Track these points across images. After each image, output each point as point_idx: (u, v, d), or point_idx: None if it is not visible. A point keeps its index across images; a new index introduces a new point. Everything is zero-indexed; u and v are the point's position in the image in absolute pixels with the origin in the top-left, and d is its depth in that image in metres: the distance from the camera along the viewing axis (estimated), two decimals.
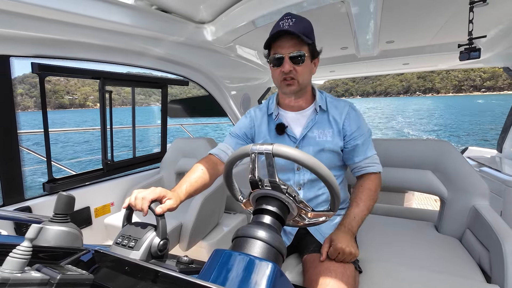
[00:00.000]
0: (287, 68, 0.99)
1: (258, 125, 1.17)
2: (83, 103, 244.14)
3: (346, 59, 2.69)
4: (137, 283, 0.49)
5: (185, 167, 2.32)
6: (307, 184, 1.12)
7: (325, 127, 1.09)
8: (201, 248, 1.90)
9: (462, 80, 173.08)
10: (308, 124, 1.09)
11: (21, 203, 1.59)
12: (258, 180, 0.70)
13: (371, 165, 1.09)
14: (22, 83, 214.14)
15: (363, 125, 1.11)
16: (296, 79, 1.02)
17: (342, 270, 0.95)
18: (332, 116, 1.10)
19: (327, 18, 1.69)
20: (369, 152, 1.10)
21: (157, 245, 0.73)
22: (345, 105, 1.12)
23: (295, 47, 0.98)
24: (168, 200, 0.87)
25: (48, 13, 1.28)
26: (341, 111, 1.10)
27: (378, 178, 1.10)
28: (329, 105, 1.12)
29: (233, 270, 0.51)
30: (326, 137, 1.08)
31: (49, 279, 0.40)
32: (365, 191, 1.05)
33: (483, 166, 2.36)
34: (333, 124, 1.09)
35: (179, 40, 1.84)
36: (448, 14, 1.65)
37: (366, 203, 1.02)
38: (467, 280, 1.01)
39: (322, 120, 1.10)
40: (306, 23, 1.01)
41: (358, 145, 1.08)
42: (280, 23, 0.99)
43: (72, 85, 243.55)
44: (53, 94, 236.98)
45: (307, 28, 1.01)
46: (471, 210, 1.30)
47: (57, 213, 0.65)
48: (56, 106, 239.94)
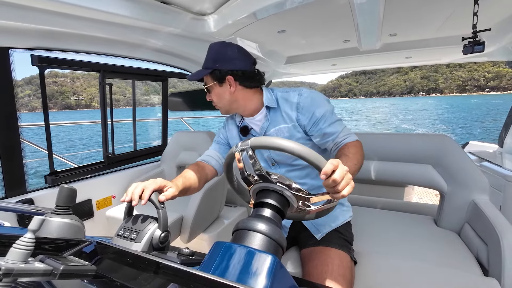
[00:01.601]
0: (208, 97, 1.15)
1: (229, 131, 1.25)
2: (89, 104, 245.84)
3: (348, 52, 2.66)
4: (139, 274, 0.50)
5: (186, 160, 2.33)
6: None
7: (280, 123, 1.09)
8: (202, 241, 1.93)
9: (466, 80, 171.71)
10: (263, 125, 1.12)
11: (23, 195, 1.60)
12: (249, 176, 0.72)
13: (346, 137, 1.03)
14: (30, 84, 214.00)
15: (319, 108, 1.04)
16: (218, 106, 1.14)
17: (338, 261, 0.97)
18: (284, 111, 1.09)
19: (329, 10, 1.66)
20: (339, 127, 1.04)
21: (159, 237, 0.74)
22: (294, 95, 1.08)
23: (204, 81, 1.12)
24: (169, 189, 0.88)
25: (48, 5, 1.27)
26: (291, 104, 1.07)
27: (359, 143, 1.02)
28: (280, 101, 1.10)
29: (233, 262, 0.51)
30: (283, 133, 1.08)
31: (52, 269, 0.41)
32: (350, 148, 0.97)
33: (483, 160, 2.36)
34: (287, 119, 1.08)
35: (180, 32, 1.82)
36: (452, 7, 1.62)
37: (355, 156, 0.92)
38: (464, 272, 1.03)
39: (275, 117, 1.10)
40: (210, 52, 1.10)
41: (321, 128, 1.03)
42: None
43: (78, 86, 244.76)
44: (60, 95, 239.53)
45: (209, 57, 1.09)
46: (470, 204, 1.30)
47: (59, 205, 0.65)
48: (62, 107, 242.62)
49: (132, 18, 1.52)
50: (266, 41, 2.33)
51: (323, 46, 2.53)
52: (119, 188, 2.17)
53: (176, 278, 0.46)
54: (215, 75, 1.07)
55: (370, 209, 1.64)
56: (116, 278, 0.50)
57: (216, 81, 1.07)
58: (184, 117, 4.61)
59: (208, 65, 1.07)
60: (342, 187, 0.64)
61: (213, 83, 1.08)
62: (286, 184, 0.70)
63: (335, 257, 0.99)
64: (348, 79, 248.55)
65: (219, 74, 1.06)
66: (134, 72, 2.19)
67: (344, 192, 0.65)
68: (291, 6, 1.47)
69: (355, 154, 0.93)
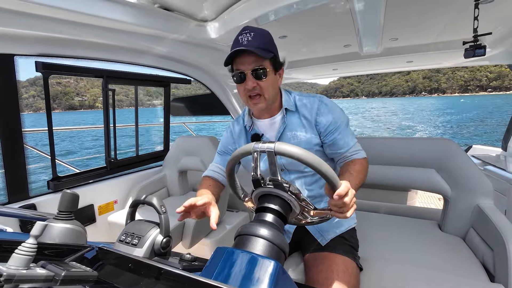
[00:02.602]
0: (250, 85, 0.96)
1: (237, 138, 1.17)
2: (92, 105, 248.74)
3: (349, 57, 2.67)
4: (141, 280, 0.50)
5: (188, 165, 2.33)
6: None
7: (297, 128, 1.07)
8: (203, 246, 1.91)
9: (468, 80, 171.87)
10: (279, 129, 1.08)
11: (26, 200, 1.61)
12: (260, 178, 0.70)
13: (356, 153, 1.05)
14: (34, 85, 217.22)
15: (337, 116, 1.05)
16: (262, 95, 0.99)
17: (343, 268, 0.95)
18: (302, 115, 1.07)
19: (330, 15, 1.67)
20: (351, 141, 1.05)
21: (160, 242, 0.74)
22: (314, 100, 1.08)
23: (256, 62, 0.95)
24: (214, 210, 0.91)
25: (52, 12, 1.29)
26: (311, 108, 1.07)
27: (365, 161, 1.05)
28: (298, 104, 1.09)
29: (235, 268, 0.51)
30: (299, 138, 1.06)
31: (54, 275, 0.40)
32: (356, 165, 0.99)
33: (487, 164, 2.34)
34: (304, 123, 1.07)
35: (182, 38, 1.84)
36: (453, 11, 1.63)
37: (359, 175, 0.94)
38: (470, 279, 1.01)
39: (293, 121, 1.08)
40: (265, 36, 0.99)
41: (336, 138, 1.04)
42: (239, 38, 0.97)
43: (82, 87, 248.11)
44: (64, 95, 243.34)
45: (267, 41, 0.98)
46: (475, 209, 1.29)
47: (62, 210, 0.65)
48: (66, 107, 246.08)
49: (136, 25, 1.54)
50: None
51: (324, 51, 2.54)
52: (121, 193, 2.17)
53: (178, 284, 0.46)
54: (273, 62, 1.00)
55: (374, 214, 1.63)
56: (118, 284, 0.49)
57: (273, 68, 1.01)
58: (186, 122, 4.63)
59: (267, 47, 0.97)
60: (347, 209, 0.71)
61: (271, 68, 0.99)
62: (295, 193, 0.69)
63: (340, 264, 0.97)
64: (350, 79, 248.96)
65: (275, 62, 1.01)
66: (136, 78, 2.21)
67: (348, 214, 0.71)
68: (292, 12, 1.48)
69: (359, 173, 0.95)
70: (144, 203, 0.81)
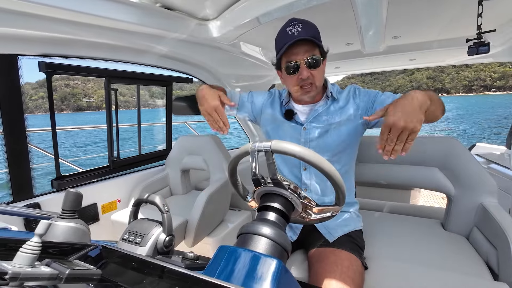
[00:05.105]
0: (305, 74, 0.99)
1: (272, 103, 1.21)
2: (99, 106, 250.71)
3: (351, 55, 2.66)
4: (144, 278, 0.50)
5: (190, 165, 2.34)
6: (313, 182, 1.12)
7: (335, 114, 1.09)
8: (206, 245, 1.92)
9: (472, 80, 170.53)
10: (318, 108, 1.10)
11: (30, 199, 1.62)
12: (260, 177, 0.70)
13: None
14: (43, 86, 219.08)
15: (373, 92, 1.09)
16: (314, 84, 1.03)
17: (348, 264, 0.94)
18: (340, 104, 1.10)
19: (332, 13, 1.67)
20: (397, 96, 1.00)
21: (163, 241, 0.74)
22: (349, 89, 1.14)
23: (309, 52, 0.99)
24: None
25: (54, 12, 1.29)
26: (347, 95, 1.11)
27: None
28: (338, 93, 1.14)
29: (238, 266, 0.51)
30: (334, 119, 1.08)
31: (58, 273, 0.41)
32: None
33: (491, 163, 2.33)
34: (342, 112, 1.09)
35: (183, 37, 1.84)
36: (456, 8, 1.61)
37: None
38: (474, 278, 1.00)
39: (332, 108, 1.10)
40: (313, 26, 1.02)
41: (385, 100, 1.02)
42: (287, 30, 0.98)
43: (89, 88, 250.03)
44: (72, 97, 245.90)
45: (316, 31, 1.01)
46: (478, 207, 1.28)
47: (65, 209, 0.66)
48: (74, 109, 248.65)
49: (137, 24, 1.54)
50: (269, 45, 2.35)
51: (328, 52, 2.53)
52: (124, 192, 2.18)
53: (181, 283, 0.46)
54: (322, 50, 1.03)
55: (377, 213, 1.63)
56: (121, 282, 0.50)
57: (323, 57, 1.03)
58: (188, 121, 4.64)
59: (316, 37, 0.99)
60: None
61: (321, 57, 1.02)
62: (297, 192, 0.69)
63: (345, 259, 0.96)
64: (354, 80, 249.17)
65: (323, 51, 1.04)
66: (138, 77, 2.22)
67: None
68: (294, 10, 1.48)
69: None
70: (147, 202, 0.81)
